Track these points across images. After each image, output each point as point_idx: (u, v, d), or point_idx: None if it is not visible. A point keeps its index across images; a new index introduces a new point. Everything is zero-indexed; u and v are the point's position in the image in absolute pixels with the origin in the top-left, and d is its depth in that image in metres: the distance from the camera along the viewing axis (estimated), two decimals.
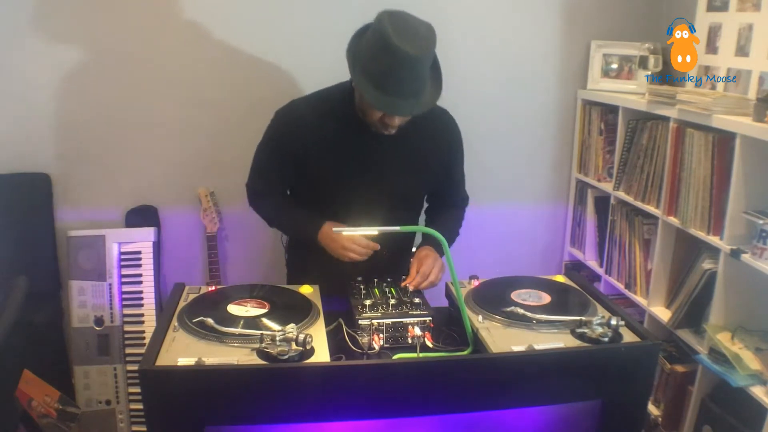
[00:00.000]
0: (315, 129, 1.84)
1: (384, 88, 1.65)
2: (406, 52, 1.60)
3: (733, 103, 1.99)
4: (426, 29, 1.68)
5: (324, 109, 1.87)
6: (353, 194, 1.89)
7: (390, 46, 1.60)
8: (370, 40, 1.67)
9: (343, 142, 1.85)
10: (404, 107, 1.70)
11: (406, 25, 1.64)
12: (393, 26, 1.61)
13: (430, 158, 1.95)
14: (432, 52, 1.69)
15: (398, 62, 1.61)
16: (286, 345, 1.35)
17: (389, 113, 1.72)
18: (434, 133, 1.93)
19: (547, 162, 2.91)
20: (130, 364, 2.50)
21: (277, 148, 1.90)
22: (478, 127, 2.79)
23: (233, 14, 2.50)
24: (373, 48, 1.65)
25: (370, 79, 1.66)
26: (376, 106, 1.69)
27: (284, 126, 1.89)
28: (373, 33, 1.66)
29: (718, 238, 2.02)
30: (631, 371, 1.45)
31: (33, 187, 2.51)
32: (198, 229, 2.66)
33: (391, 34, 1.60)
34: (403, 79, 1.64)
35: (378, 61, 1.64)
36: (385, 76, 1.64)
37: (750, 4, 2.15)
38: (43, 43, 2.41)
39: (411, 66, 1.63)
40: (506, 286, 1.75)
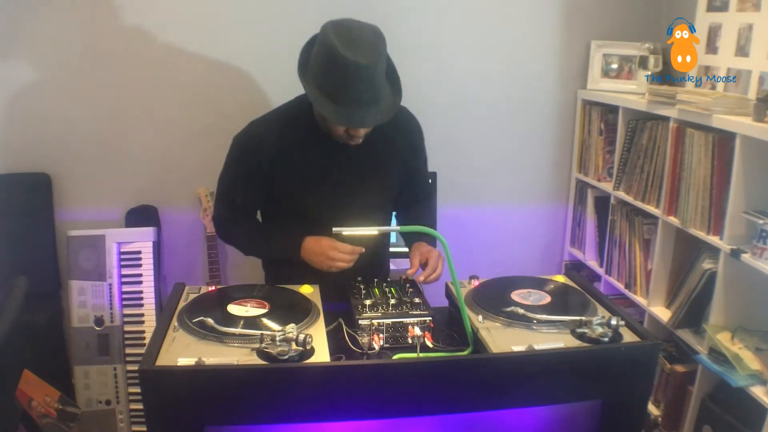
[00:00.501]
0: (277, 144, 1.81)
1: (340, 101, 1.62)
2: (356, 63, 1.57)
3: (733, 103, 1.99)
4: (372, 34, 1.64)
5: (284, 124, 1.83)
6: (325, 205, 1.86)
7: (339, 59, 1.57)
8: (319, 54, 1.64)
9: (307, 154, 1.82)
10: (363, 118, 1.67)
11: (352, 34, 1.61)
12: (339, 38, 1.58)
13: (396, 159, 1.92)
14: (383, 57, 1.65)
15: (349, 74, 1.59)
16: (286, 345, 1.35)
17: (350, 125, 1.69)
18: (396, 132, 1.89)
19: (547, 162, 2.91)
20: (130, 364, 2.50)
21: (242, 170, 1.85)
22: (478, 127, 2.80)
23: (234, 15, 2.50)
24: (323, 63, 1.62)
25: (327, 95, 1.64)
26: (335, 121, 1.67)
27: (245, 146, 1.84)
28: (320, 46, 1.63)
29: (718, 238, 2.02)
30: (631, 371, 1.44)
31: (33, 187, 2.51)
32: (198, 229, 2.67)
33: (339, 47, 1.57)
34: (357, 90, 1.62)
35: (330, 76, 1.61)
36: (341, 90, 1.61)
37: (750, 4, 2.15)
38: (42, 43, 2.41)
39: (364, 75, 1.60)
40: (506, 286, 1.75)
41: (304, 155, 1.82)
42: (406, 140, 1.95)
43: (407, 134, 1.95)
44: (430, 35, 2.66)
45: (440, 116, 2.72)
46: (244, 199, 1.90)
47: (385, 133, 1.84)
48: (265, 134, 1.83)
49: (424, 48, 2.64)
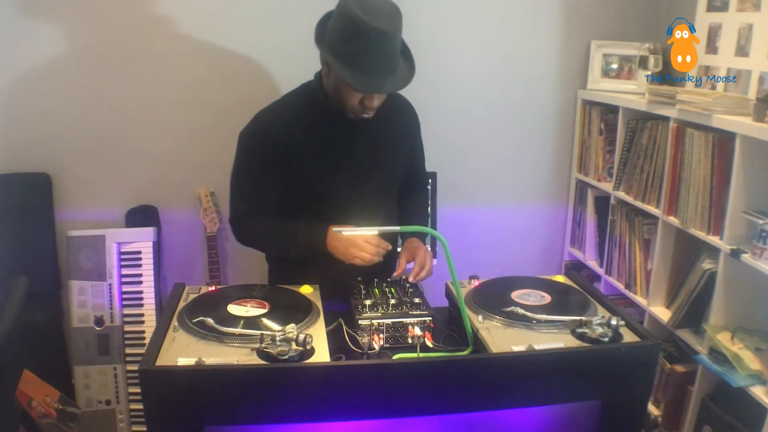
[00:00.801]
0: (288, 130, 1.81)
1: (361, 68, 1.65)
2: (377, 29, 1.60)
3: (733, 103, 1.99)
4: (390, 6, 1.67)
5: (292, 110, 1.85)
6: (341, 188, 1.86)
7: (361, 25, 1.60)
8: (337, 24, 1.66)
9: (321, 138, 1.83)
10: (383, 84, 1.70)
11: (371, 4, 1.64)
12: (359, 6, 1.61)
13: (400, 140, 1.96)
14: (400, 27, 1.68)
15: (371, 40, 1.61)
16: (286, 345, 1.35)
17: (370, 91, 1.71)
18: (398, 114, 1.94)
19: (547, 162, 2.91)
20: (130, 364, 2.50)
21: (256, 163, 1.84)
22: (478, 127, 2.80)
23: (235, 14, 2.50)
24: (343, 30, 1.64)
25: (346, 62, 1.65)
26: (356, 87, 1.68)
27: (257, 136, 1.84)
28: (339, 17, 1.66)
29: (718, 238, 2.02)
30: (631, 371, 1.44)
31: (33, 187, 2.51)
32: (198, 229, 2.66)
33: (360, 14, 1.60)
34: (378, 57, 1.65)
35: (350, 43, 1.63)
36: (360, 56, 1.64)
37: (750, 4, 2.15)
38: (43, 43, 2.41)
39: (384, 42, 1.63)
40: (506, 286, 1.75)
41: (316, 137, 1.83)
42: (407, 122, 2.00)
43: (410, 118, 2.01)
44: (430, 35, 2.65)
45: (440, 116, 2.72)
46: (263, 190, 1.87)
47: (388, 116, 1.87)
48: (275, 122, 1.84)
49: (424, 48, 2.61)
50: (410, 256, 1.86)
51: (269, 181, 1.86)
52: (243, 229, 1.95)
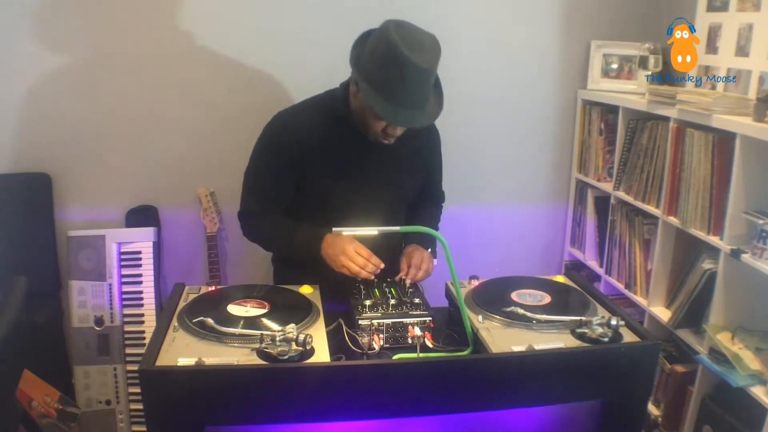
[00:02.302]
0: (309, 136, 1.82)
1: (391, 98, 1.64)
2: (416, 65, 1.59)
3: (733, 103, 1.99)
4: (431, 41, 1.67)
5: (315, 117, 1.85)
6: (351, 200, 1.87)
7: (400, 57, 1.58)
8: (376, 48, 1.64)
9: (338, 148, 1.84)
10: (411, 119, 1.69)
11: (414, 36, 1.63)
12: (401, 37, 1.60)
13: (418, 160, 1.96)
14: (437, 63, 1.67)
15: (408, 74, 1.60)
16: (286, 345, 1.35)
17: (397, 124, 1.71)
18: (419, 135, 1.92)
19: (547, 162, 2.91)
20: (130, 364, 2.50)
21: (275, 162, 1.86)
22: (478, 127, 2.80)
23: (234, 16, 2.50)
24: (381, 58, 1.62)
25: (377, 89, 1.64)
26: (383, 116, 1.67)
27: (278, 138, 1.85)
28: (379, 42, 1.64)
29: (718, 238, 2.02)
30: (631, 371, 1.44)
31: (33, 187, 2.51)
32: (198, 229, 2.66)
33: (401, 46, 1.58)
34: (411, 91, 1.64)
35: (386, 72, 1.62)
36: (393, 87, 1.62)
37: (750, 4, 2.15)
38: (43, 44, 2.41)
39: (420, 78, 1.62)
40: (506, 286, 1.75)
41: (334, 147, 1.83)
42: (429, 144, 2.00)
43: (430, 138, 2.00)
44: None
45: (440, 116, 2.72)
46: (276, 191, 1.89)
47: (411, 135, 1.86)
48: (297, 123, 1.84)
49: None
50: (408, 260, 1.86)
51: (281, 184, 1.88)
52: (251, 225, 1.98)
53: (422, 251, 1.89)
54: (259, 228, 1.96)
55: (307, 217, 1.91)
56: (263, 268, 2.25)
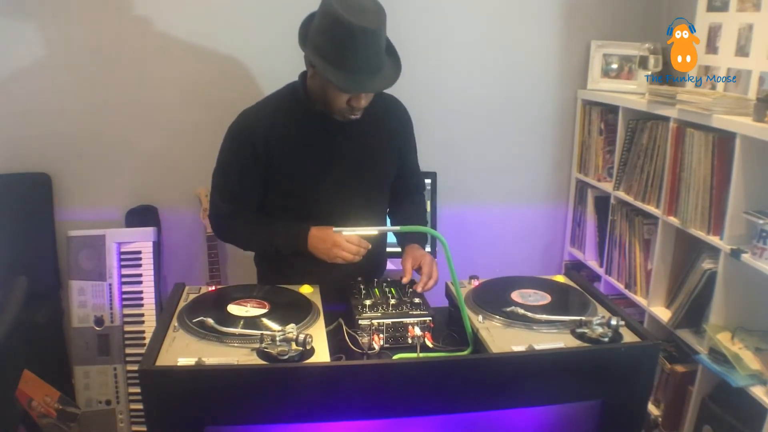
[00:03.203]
0: (273, 131, 1.80)
1: (347, 68, 1.63)
2: (361, 26, 1.58)
3: (733, 103, 1.99)
4: (374, 4, 1.66)
5: (278, 111, 1.83)
6: (324, 191, 1.85)
7: (345, 23, 1.58)
8: (322, 24, 1.64)
9: (304, 140, 1.81)
10: (369, 83, 1.67)
11: (353, 2, 1.62)
12: (342, 6, 1.60)
13: (390, 142, 1.93)
14: (384, 24, 1.66)
15: (355, 38, 1.59)
16: (286, 345, 1.35)
17: (357, 91, 1.69)
18: (385, 114, 1.90)
19: (547, 162, 2.91)
20: (130, 364, 2.50)
21: (239, 160, 1.83)
22: (478, 127, 2.80)
23: (234, 16, 2.50)
24: (327, 31, 1.62)
25: (332, 63, 1.63)
26: (343, 87, 1.66)
27: (241, 135, 1.82)
28: (323, 17, 1.64)
29: (718, 238, 2.02)
30: (631, 371, 1.44)
31: (33, 187, 2.51)
32: (198, 229, 2.67)
33: (343, 12, 1.58)
34: (364, 55, 1.63)
35: (334, 42, 1.62)
36: (345, 56, 1.62)
37: (750, 4, 2.15)
38: (42, 44, 2.41)
39: (368, 40, 1.61)
40: (506, 286, 1.75)
41: (300, 139, 1.81)
42: (398, 124, 1.96)
43: (399, 118, 1.96)
44: (430, 35, 2.66)
45: (440, 116, 2.73)
46: (243, 190, 1.87)
47: (377, 116, 1.85)
48: (259, 120, 1.82)
49: (424, 48, 2.64)
50: (415, 263, 1.84)
51: (249, 182, 1.85)
52: (222, 227, 1.96)
53: (430, 257, 1.87)
54: (233, 228, 1.94)
55: (284, 214, 1.88)
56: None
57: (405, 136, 1.99)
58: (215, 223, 1.98)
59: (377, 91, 1.75)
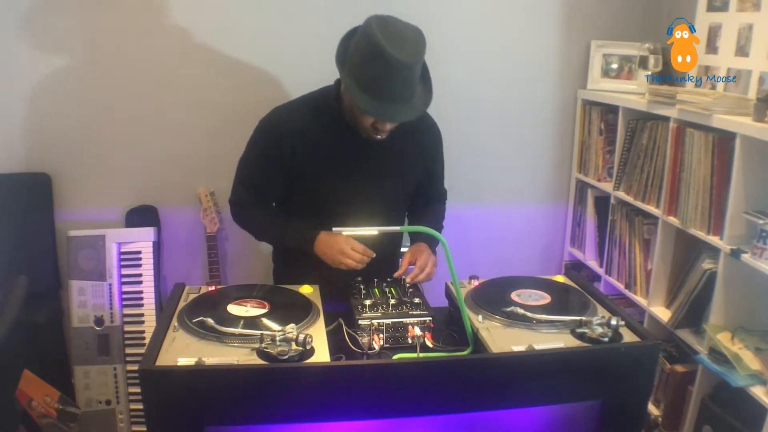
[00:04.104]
0: (301, 133, 1.82)
1: (376, 94, 1.64)
2: (398, 60, 1.59)
3: (733, 103, 1.99)
4: (415, 34, 1.67)
5: (309, 114, 1.85)
6: (344, 197, 1.88)
7: (382, 53, 1.59)
8: (360, 45, 1.65)
9: (330, 146, 1.84)
10: (397, 113, 1.69)
11: (397, 31, 1.63)
12: (383, 32, 1.60)
13: (416, 158, 1.95)
14: (422, 56, 1.68)
15: (391, 69, 1.61)
16: (286, 345, 1.35)
17: (382, 120, 1.72)
18: (417, 132, 1.92)
19: (547, 162, 2.91)
20: (130, 364, 2.50)
21: (264, 155, 1.87)
22: (478, 127, 2.80)
23: (234, 16, 2.50)
24: (364, 54, 1.63)
25: (362, 86, 1.65)
26: (369, 113, 1.68)
27: (270, 132, 1.86)
28: (362, 38, 1.65)
29: (718, 238, 2.02)
30: (631, 371, 1.45)
31: (33, 187, 2.51)
32: (198, 229, 2.67)
33: (383, 41, 1.58)
34: (395, 86, 1.64)
35: (369, 68, 1.63)
36: (378, 83, 1.63)
37: (750, 4, 2.15)
38: (42, 44, 2.41)
39: (403, 73, 1.62)
40: (506, 286, 1.75)
41: (327, 145, 1.84)
42: (428, 141, 1.99)
43: (429, 136, 1.99)
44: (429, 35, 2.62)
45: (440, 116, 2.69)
46: (264, 183, 1.91)
47: (408, 133, 1.87)
48: (290, 120, 1.85)
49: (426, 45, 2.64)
50: (412, 258, 1.86)
51: (270, 177, 1.89)
52: (240, 213, 2.00)
53: (429, 254, 1.88)
54: (249, 217, 1.99)
55: (302, 214, 1.92)
56: (263, 268, 2.26)
57: (434, 152, 2.02)
58: (234, 210, 2.02)
59: (403, 121, 1.76)
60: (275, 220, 1.95)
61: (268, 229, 1.98)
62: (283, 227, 1.93)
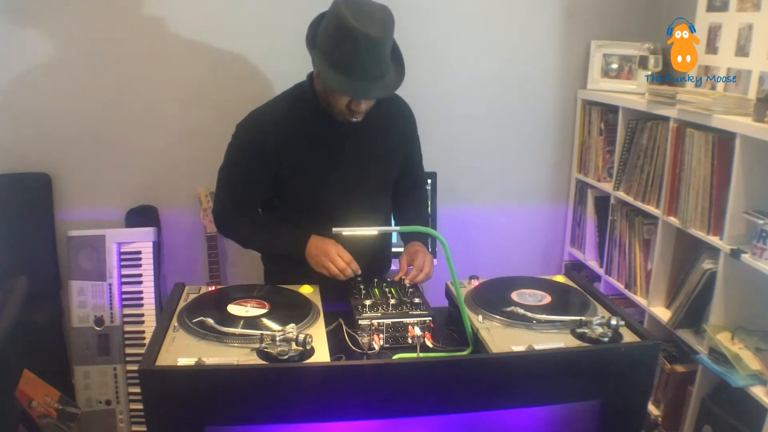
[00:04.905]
0: (281, 131, 1.82)
1: (348, 73, 1.64)
2: (367, 35, 1.59)
3: (733, 103, 1.99)
4: (382, 11, 1.67)
5: (286, 111, 1.85)
6: (329, 187, 1.86)
7: (350, 29, 1.59)
8: (328, 27, 1.65)
9: (310, 140, 1.83)
10: (371, 90, 1.69)
11: (363, 9, 1.63)
12: (350, 10, 1.61)
13: (394, 140, 1.95)
14: (391, 33, 1.68)
15: (360, 45, 1.61)
16: (286, 345, 1.35)
17: (356, 98, 1.71)
18: (391, 114, 1.92)
19: (547, 162, 2.91)
20: (130, 364, 2.50)
21: (246, 159, 1.85)
22: (478, 127, 2.80)
23: (236, 13, 2.50)
24: (333, 35, 1.63)
25: (334, 66, 1.65)
26: (342, 91, 1.68)
27: (249, 135, 1.84)
28: (330, 20, 1.65)
29: (718, 238, 2.02)
30: (631, 371, 1.44)
31: (33, 187, 2.51)
32: (198, 229, 2.67)
33: (350, 18, 1.59)
34: (366, 63, 1.64)
35: (339, 47, 1.63)
36: (349, 61, 1.63)
37: (750, 4, 2.15)
38: (43, 44, 2.41)
39: (373, 48, 1.62)
40: (506, 286, 1.75)
41: (308, 138, 1.83)
42: (403, 123, 1.98)
43: (404, 120, 1.98)
44: (429, 35, 2.66)
45: (440, 116, 2.73)
46: (247, 189, 1.89)
47: (384, 116, 1.87)
48: (268, 119, 1.84)
49: (423, 48, 2.64)
50: (410, 259, 1.86)
51: (253, 182, 1.87)
52: (225, 224, 1.99)
53: (425, 253, 1.88)
54: (236, 226, 1.97)
55: (290, 212, 1.91)
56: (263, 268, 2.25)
57: (409, 135, 2.02)
58: (218, 220, 2.00)
59: (376, 98, 1.76)
60: (264, 227, 1.94)
61: (256, 236, 1.96)
62: (272, 234, 1.91)
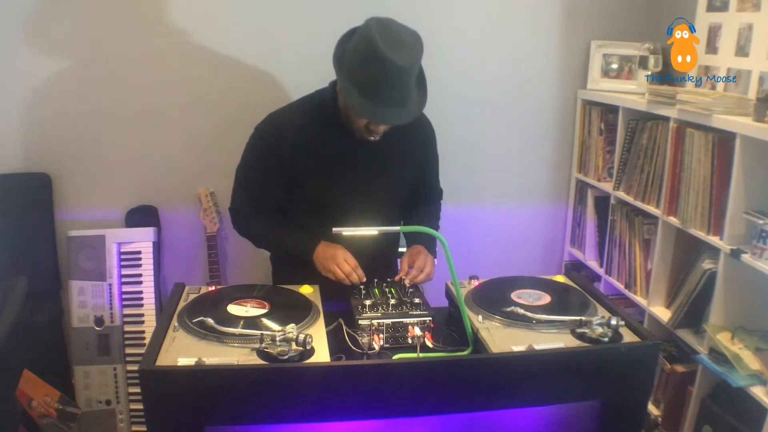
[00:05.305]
0: (298, 137, 1.83)
1: (372, 97, 1.65)
2: (394, 63, 1.59)
3: (733, 103, 1.99)
4: (412, 38, 1.67)
5: (305, 117, 1.86)
6: (341, 197, 1.88)
7: (379, 55, 1.59)
8: (357, 47, 1.65)
9: (327, 148, 1.84)
10: (391, 117, 1.70)
11: (395, 34, 1.63)
12: (381, 35, 1.60)
13: (410, 157, 1.96)
14: (419, 61, 1.68)
15: (386, 72, 1.61)
16: (286, 345, 1.35)
17: (376, 122, 1.72)
18: (411, 131, 1.92)
19: (547, 162, 2.91)
20: (130, 364, 2.50)
21: (263, 161, 1.87)
22: (478, 127, 2.80)
23: (234, 16, 2.50)
24: (361, 56, 1.63)
25: (357, 87, 1.65)
26: (363, 114, 1.69)
27: (268, 138, 1.86)
28: (360, 40, 1.65)
29: (718, 238, 2.02)
30: (631, 371, 1.45)
31: (33, 187, 2.51)
32: (198, 229, 2.66)
33: (380, 44, 1.58)
34: (391, 89, 1.64)
35: (365, 70, 1.63)
36: (373, 85, 1.63)
37: (750, 4, 2.15)
38: (43, 44, 2.41)
39: (399, 76, 1.62)
40: (506, 286, 1.75)
41: (324, 146, 1.84)
42: (422, 140, 1.99)
43: (423, 135, 1.99)
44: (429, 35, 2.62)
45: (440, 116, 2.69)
46: (263, 190, 1.92)
47: (402, 132, 1.86)
48: (287, 124, 1.85)
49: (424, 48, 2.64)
50: (411, 260, 1.87)
51: (270, 183, 1.90)
52: (241, 221, 2.01)
53: (426, 254, 1.89)
54: (250, 225, 2.00)
55: (301, 216, 1.92)
56: (263, 268, 2.26)
57: (428, 150, 2.03)
58: (234, 218, 2.03)
59: (396, 124, 1.76)
60: (276, 228, 1.96)
61: (269, 237, 1.99)
62: (283, 235, 1.94)
